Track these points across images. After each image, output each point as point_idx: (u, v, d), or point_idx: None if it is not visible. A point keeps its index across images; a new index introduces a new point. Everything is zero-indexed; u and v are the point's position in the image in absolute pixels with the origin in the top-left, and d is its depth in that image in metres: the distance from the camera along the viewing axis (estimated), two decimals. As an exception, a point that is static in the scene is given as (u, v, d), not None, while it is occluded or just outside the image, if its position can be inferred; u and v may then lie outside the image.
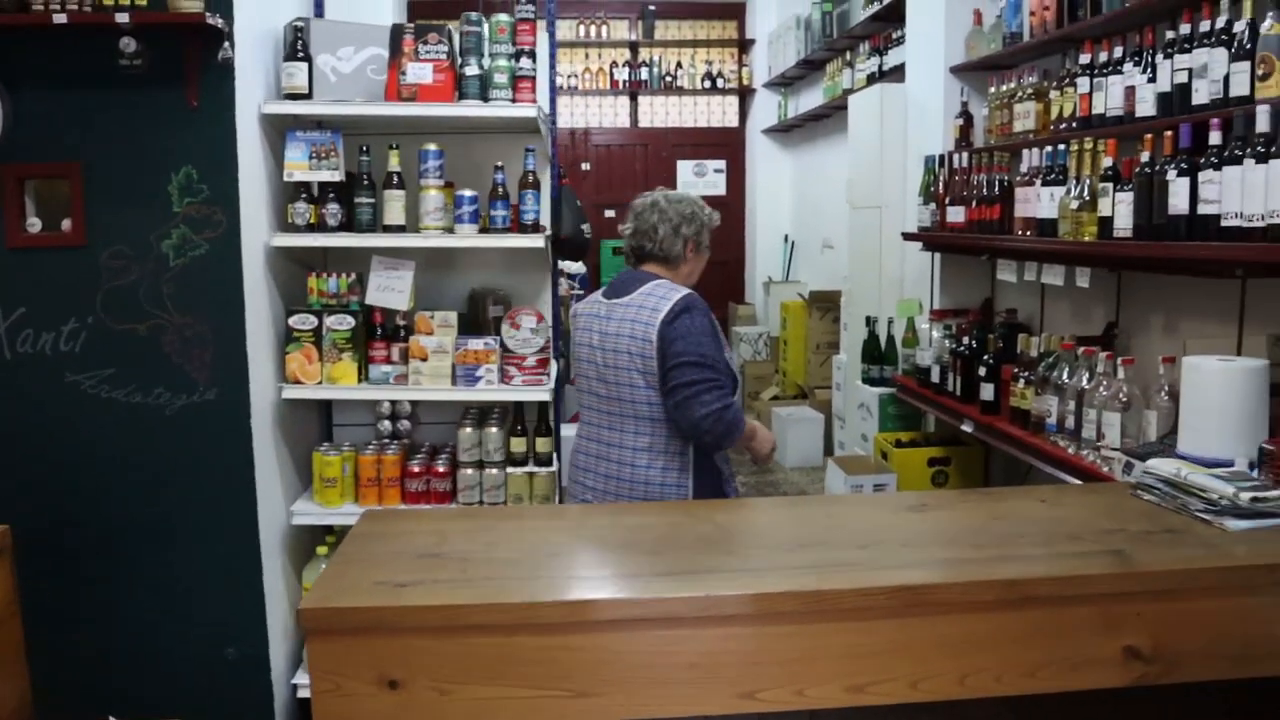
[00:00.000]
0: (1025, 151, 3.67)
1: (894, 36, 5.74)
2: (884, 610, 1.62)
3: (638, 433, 2.55)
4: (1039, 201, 3.49)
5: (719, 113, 9.22)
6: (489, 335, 2.96)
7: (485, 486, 3.00)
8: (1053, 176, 3.43)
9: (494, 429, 3.00)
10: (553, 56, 3.26)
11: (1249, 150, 2.46)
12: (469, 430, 3.00)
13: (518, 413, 3.02)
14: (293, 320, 2.95)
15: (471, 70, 2.85)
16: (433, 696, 1.56)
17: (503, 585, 1.66)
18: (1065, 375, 3.29)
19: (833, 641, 1.63)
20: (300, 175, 2.92)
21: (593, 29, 8.91)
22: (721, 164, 9.14)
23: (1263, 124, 2.44)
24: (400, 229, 2.92)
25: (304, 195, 2.95)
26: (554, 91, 3.25)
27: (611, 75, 8.92)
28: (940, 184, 4.41)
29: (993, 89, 4.25)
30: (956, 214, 4.17)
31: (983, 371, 3.84)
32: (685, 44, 9.05)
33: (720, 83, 9.00)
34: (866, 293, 5.49)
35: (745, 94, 9.05)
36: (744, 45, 9.02)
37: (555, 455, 3.03)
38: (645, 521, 2.04)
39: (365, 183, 2.92)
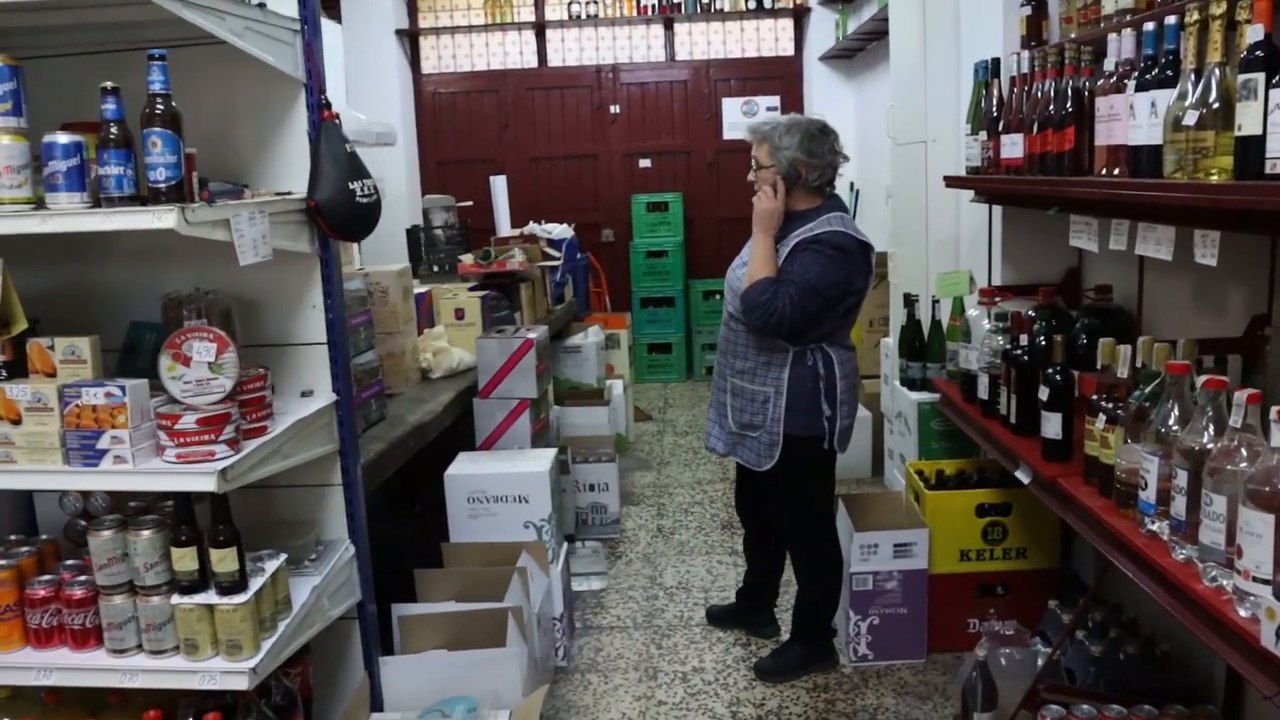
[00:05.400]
0: (1112, 39, 2.24)
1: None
2: None
3: None
4: (1131, 117, 2.07)
5: (770, 39, 7.72)
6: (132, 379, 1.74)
7: (143, 624, 1.82)
8: (1153, 74, 2.00)
9: (146, 532, 1.81)
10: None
11: None
12: (107, 535, 1.81)
13: (187, 506, 1.80)
14: None
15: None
16: None
17: None
18: (1172, 418, 1.90)
19: None
20: None
21: (618, -56, 7.54)
22: (774, 100, 7.66)
23: None
24: (-32, 202, 1.73)
25: None
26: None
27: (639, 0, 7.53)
28: (994, 102, 2.97)
29: (1074, -46, 2.79)
30: (1014, 145, 2.75)
31: (1044, 394, 2.44)
32: (728, -44, 7.59)
33: (768, 1, 7.50)
34: (912, 259, 4.08)
35: (800, 14, 7.53)
36: (799, -46, 7.50)
37: (243, 573, 1.78)
38: None
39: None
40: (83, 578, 1.86)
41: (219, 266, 2.11)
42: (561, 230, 5.28)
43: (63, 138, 1.68)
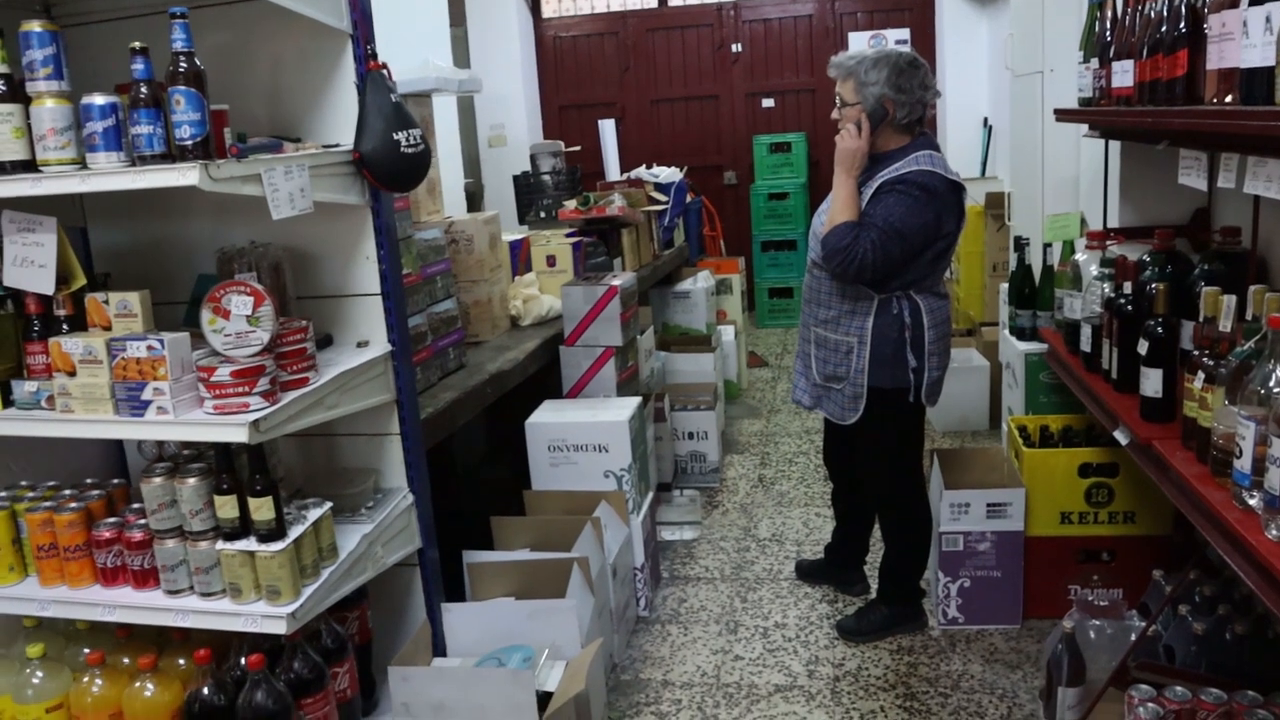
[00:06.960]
0: (1229, -54, 1.97)
1: None
2: None
3: None
4: (1242, 37, 1.83)
5: (900, -34, 7.33)
6: (175, 332, 1.79)
7: (193, 567, 1.89)
8: (1268, -16, 1.76)
9: (192, 480, 1.86)
10: None
11: None
12: (157, 481, 1.88)
13: (226, 455, 1.84)
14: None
15: None
16: None
17: None
18: (1274, 379, 1.69)
19: None
20: None
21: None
22: (904, 33, 7.26)
23: None
24: (25, 165, 1.78)
25: None
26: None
27: (762, -70, 7.25)
28: (1107, 25, 2.71)
29: None
30: (1124, 73, 2.50)
31: (1144, 348, 2.23)
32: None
33: (899, -73, 7.10)
34: (1029, 199, 3.81)
35: (934, -61, 7.11)
36: (934, -126, 7.04)
37: (280, 522, 1.82)
38: None
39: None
40: (142, 521, 1.94)
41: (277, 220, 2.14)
42: (669, 173, 5.18)
43: (99, 99, 1.72)
